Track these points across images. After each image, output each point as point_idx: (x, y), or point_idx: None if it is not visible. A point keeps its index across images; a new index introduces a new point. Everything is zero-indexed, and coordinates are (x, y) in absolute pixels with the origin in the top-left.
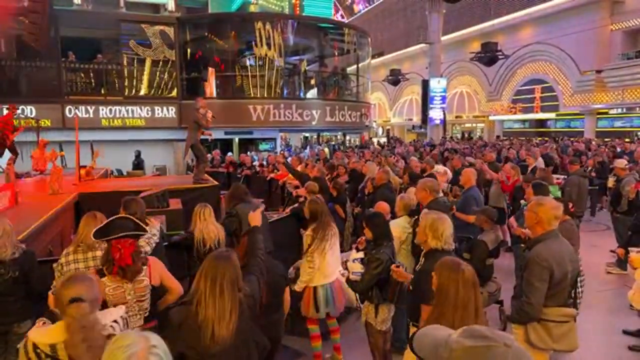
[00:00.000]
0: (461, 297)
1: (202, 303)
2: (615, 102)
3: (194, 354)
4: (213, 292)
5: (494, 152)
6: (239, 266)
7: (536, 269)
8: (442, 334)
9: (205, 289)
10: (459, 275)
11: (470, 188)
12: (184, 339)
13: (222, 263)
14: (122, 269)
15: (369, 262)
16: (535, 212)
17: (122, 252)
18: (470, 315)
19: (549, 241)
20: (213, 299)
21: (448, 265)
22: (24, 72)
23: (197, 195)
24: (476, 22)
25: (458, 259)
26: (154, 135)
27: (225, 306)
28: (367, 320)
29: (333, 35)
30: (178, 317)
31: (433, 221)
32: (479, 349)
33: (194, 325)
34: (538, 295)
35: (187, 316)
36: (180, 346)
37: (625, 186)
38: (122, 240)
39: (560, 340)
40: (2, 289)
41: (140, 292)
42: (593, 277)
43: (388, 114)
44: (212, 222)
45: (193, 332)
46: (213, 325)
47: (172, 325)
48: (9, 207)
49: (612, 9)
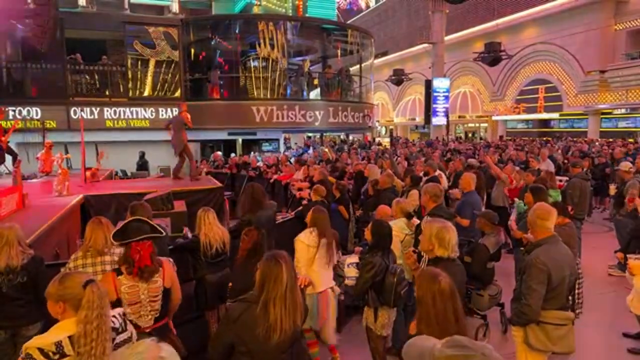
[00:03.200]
0: (439, 307)
1: (272, 303)
2: (619, 103)
3: (243, 347)
4: (284, 292)
5: (497, 154)
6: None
7: (534, 272)
8: (428, 344)
9: (276, 290)
10: (436, 286)
11: (468, 193)
12: (236, 332)
13: (284, 265)
14: (141, 269)
15: (362, 266)
16: (537, 216)
17: (142, 254)
18: (451, 324)
19: (548, 246)
20: (283, 298)
21: (426, 277)
22: (29, 74)
23: (201, 197)
24: (479, 22)
25: (437, 271)
26: (158, 136)
27: (296, 301)
28: (367, 324)
29: (336, 36)
30: (237, 312)
31: (439, 230)
32: (458, 357)
33: (250, 323)
34: (536, 297)
35: (245, 313)
36: (232, 337)
37: (630, 189)
38: (141, 242)
39: (558, 343)
40: (11, 293)
41: (153, 293)
42: (594, 279)
43: (391, 113)
44: (216, 225)
45: (248, 328)
46: (283, 323)
47: (230, 318)
48: (17, 209)
49: (616, 9)
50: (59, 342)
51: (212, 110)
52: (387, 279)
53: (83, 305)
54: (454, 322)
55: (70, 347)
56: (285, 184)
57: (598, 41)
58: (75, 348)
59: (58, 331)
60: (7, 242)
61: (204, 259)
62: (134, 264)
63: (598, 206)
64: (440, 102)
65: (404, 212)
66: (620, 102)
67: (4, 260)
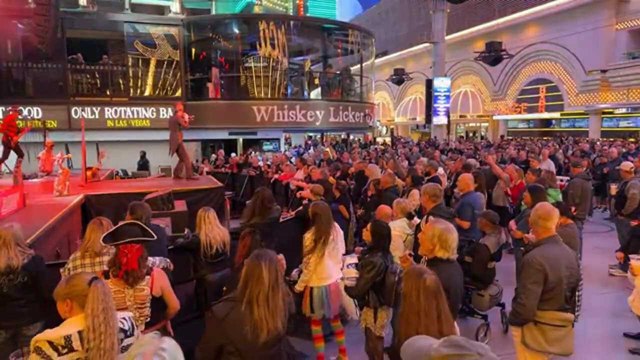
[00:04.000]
0: (422, 304)
1: (256, 302)
2: (620, 102)
3: (232, 347)
4: (267, 292)
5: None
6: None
7: (530, 271)
8: (425, 343)
9: (258, 289)
10: (420, 283)
11: (467, 193)
12: (225, 333)
13: (268, 263)
14: (127, 272)
15: (363, 266)
16: (539, 217)
17: (129, 257)
18: (432, 321)
19: (546, 246)
20: (266, 298)
21: (412, 274)
22: (30, 73)
23: (202, 197)
24: (480, 22)
25: (424, 268)
26: (159, 136)
27: (278, 303)
28: (367, 325)
29: (337, 36)
30: (222, 312)
31: (441, 232)
32: (453, 357)
33: (237, 321)
34: (531, 297)
35: (232, 312)
36: (221, 338)
37: (631, 189)
38: (129, 246)
39: (555, 344)
40: (12, 293)
41: (140, 300)
42: (595, 280)
43: (392, 113)
44: (217, 225)
45: (236, 327)
46: (268, 322)
47: (217, 318)
48: (17, 209)
49: (617, 8)
50: (68, 337)
51: (213, 110)
52: (387, 279)
53: (88, 299)
54: (435, 320)
55: (78, 342)
56: (286, 184)
57: (599, 40)
58: (85, 343)
59: (68, 326)
60: (6, 243)
61: (204, 259)
62: (121, 266)
63: (599, 206)
64: (441, 101)
65: (405, 212)
66: (622, 101)
67: (3, 260)
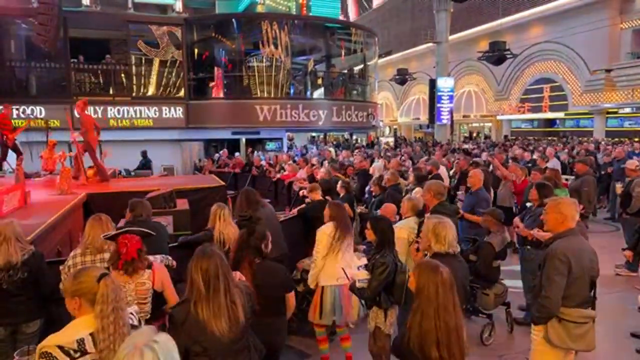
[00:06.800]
0: (441, 299)
1: (199, 303)
2: (625, 102)
3: (198, 347)
4: (207, 292)
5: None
6: (225, 259)
7: (555, 262)
8: None
9: (200, 289)
10: (438, 277)
11: (480, 189)
12: (188, 334)
13: (207, 260)
14: (126, 262)
15: (374, 267)
16: (560, 211)
17: (129, 247)
18: (451, 316)
19: (569, 237)
20: (207, 298)
21: (428, 267)
22: (33, 73)
23: (204, 196)
24: (484, 21)
25: (436, 262)
26: (161, 135)
27: (221, 302)
28: (377, 325)
29: (340, 35)
30: (180, 316)
31: (434, 226)
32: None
33: (195, 322)
34: (556, 289)
35: (189, 313)
36: (185, 341)
37: (636, 187)
38: (128, 235)
39: (579, 340)
40: (12, 289)
41: (141, 294)
42: (601, 279)
43: (395, 113)
44: (231, 223)
45: (196, 327)
46: (213, 323)
47: (175, 324)
48: (19, 207)
49: (621, 7)
50: (81, 340)
51: (216, 109)
52: (397, 278)
53: (98, 299)
54: (453, 313)
55: (92, 345)
56: (288, 183)
57: (604, 40)
58: (98, 345)
59: (77, 328)
60: (5, 239)
61: None
62: (120, 256)
63: (605, 205)
64: (444, 101)
65: (415, 209)
66: (626, 101)
67: (3, 256)
